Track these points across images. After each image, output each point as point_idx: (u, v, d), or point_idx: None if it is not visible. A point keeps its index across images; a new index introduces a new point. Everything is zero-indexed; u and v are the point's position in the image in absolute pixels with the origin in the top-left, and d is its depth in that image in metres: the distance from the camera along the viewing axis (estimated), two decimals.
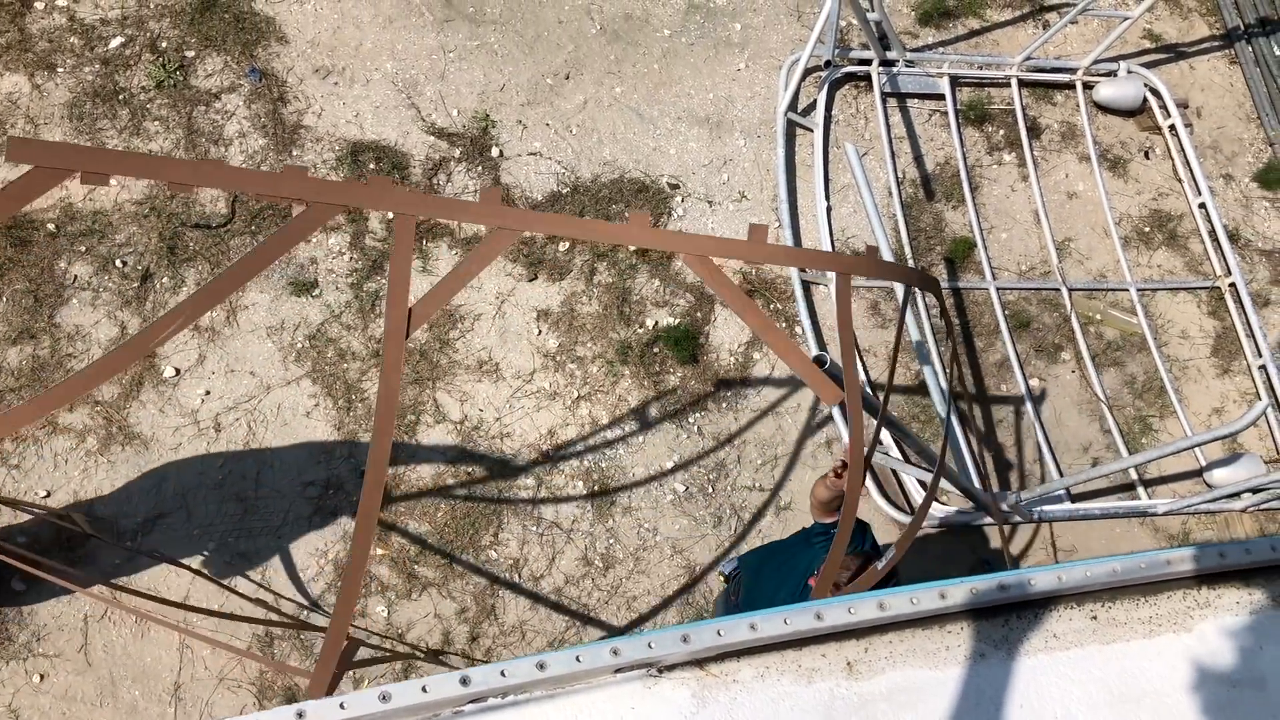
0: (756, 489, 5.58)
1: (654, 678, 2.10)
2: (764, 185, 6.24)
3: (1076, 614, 2.30)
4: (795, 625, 2.12)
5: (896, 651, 2.21)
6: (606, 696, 2.07)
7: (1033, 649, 2.25)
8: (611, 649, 2.04)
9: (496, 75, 6.18)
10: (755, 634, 2.10)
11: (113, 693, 4.73)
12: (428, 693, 1.95)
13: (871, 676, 2.16)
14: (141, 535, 4.95)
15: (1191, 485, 5.99)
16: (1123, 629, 2.28)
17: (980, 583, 2.22)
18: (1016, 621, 2.28)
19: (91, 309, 5.24)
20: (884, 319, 6.04)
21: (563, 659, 2.03)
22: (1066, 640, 2.26)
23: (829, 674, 2.16)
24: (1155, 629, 2.28)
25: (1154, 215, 6.66)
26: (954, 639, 2.24)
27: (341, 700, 1.91)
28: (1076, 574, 2.26)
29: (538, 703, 2.07)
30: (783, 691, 2.12)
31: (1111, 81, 6.82)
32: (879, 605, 2.16)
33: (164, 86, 5.68)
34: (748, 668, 2.14)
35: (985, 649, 2.23)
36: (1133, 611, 2.30)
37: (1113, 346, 6.26)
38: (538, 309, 5.71)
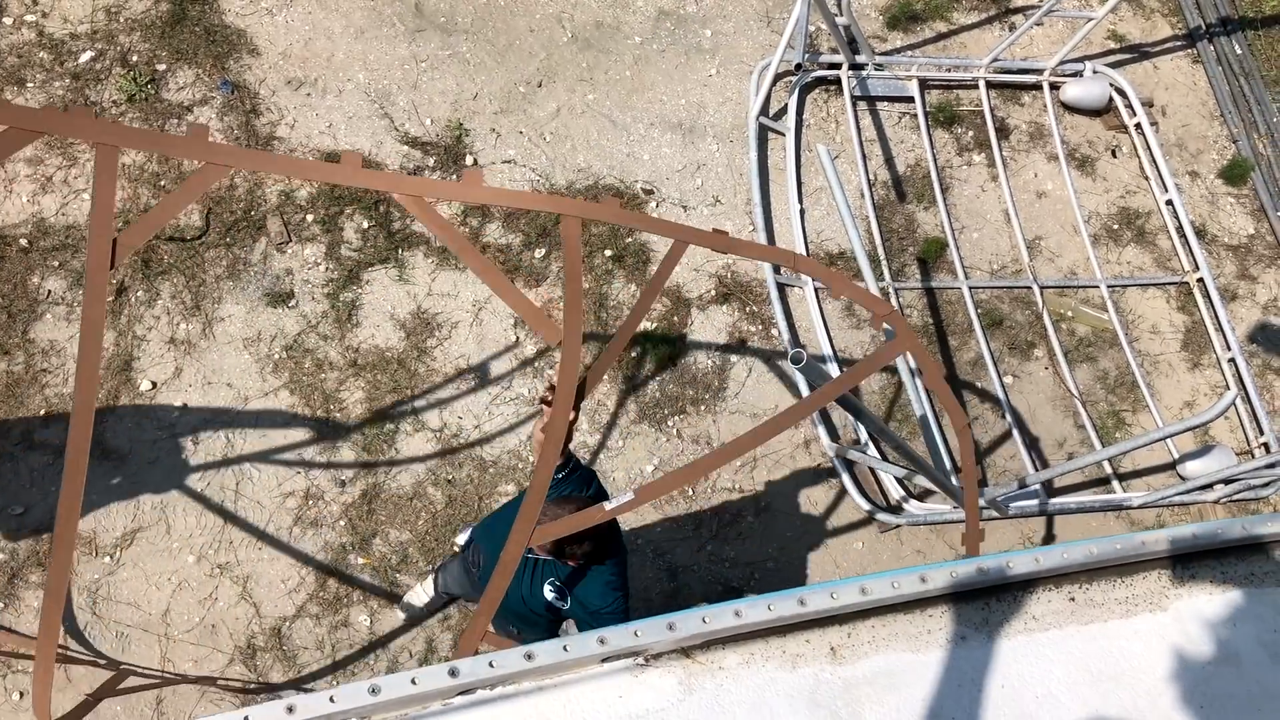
0: (736, 490, 5.61)
1: (641, 666, 2.12)
2: (737, 189, 6.29)
3: (1055, 596, 2.34)
4: (779, 611, 2.15)
5: (879, 636, 2.24)
6: (594, 686, 2.09)
7: (1012, 631, 2.28)
8: (598, 638, 2.06)
9: (469, 84, 6.20)
10: (740, 621, 2.13)
11: (94, 710, 4.69)
12: (417, 685, 1.96)
13: (855, 661, 2.19)
14: (121, 549, 4.93)
15: (1165, 478, 6.07)
16: (1100, 609, 2.32)
17: (960, 566, 2.26)
18: (996, 604, 2.32)
19: (66, 324, 5.21)
20: (858, 320, 6.09)
21: (550, 649, 2.05)
22: (1045, 621, 2.30)
23: (813, 659, 2.18)
24: (1132, 609, 2.32)
25: (1122, 213, 6.75)
26: (935, 622, 2.27)
27: (331, 694, 1.92)
28: (1054, 556, 2.30)
29: (527, 695, 2.08)
30: (768, 677, 2.15)
31: (1078, 81, 6.91)
32: (861, 590, 2.19)
33: (135, 100, 5.67)
34: (733, 655, 2.17)
35: (966, 631, 2.27)
36: (1109, 592, 2.34)
37: (1085, 343, 6.33)
38: (515, 316, 5.73)
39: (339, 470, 5.24)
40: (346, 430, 5.31)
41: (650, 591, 5.34)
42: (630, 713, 2.07)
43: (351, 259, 5.60)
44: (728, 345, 5.88)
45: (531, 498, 2.81)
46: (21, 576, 4.81)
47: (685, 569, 5.41)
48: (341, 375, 5.40)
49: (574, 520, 3.16)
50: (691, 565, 5.42)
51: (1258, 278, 6.76)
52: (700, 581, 5.40)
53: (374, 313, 5.54)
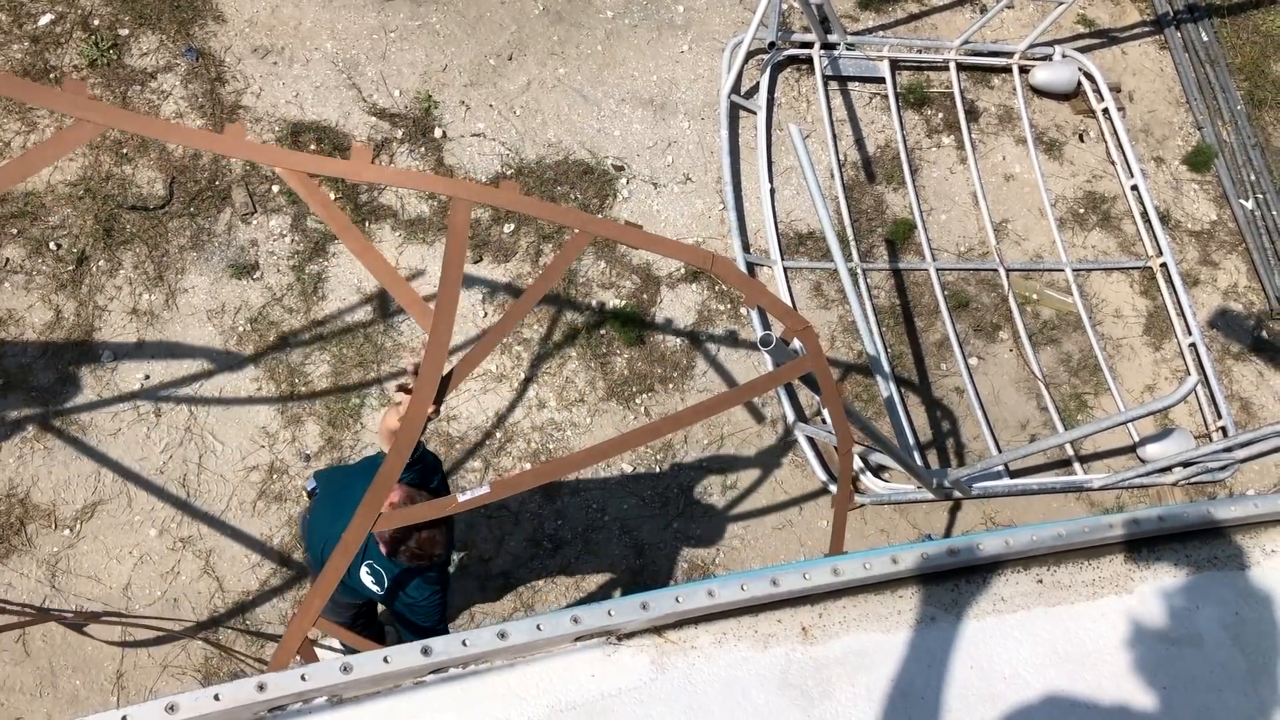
0: (703, 468, 5.62)
1: (613, 645, 2.12)
2: (708, 167, 6.27)
3: (1023, 578, 2.36)
4: (752, 591, 2.16)
5: (850, 616, 2.25)
6: (567, 664, 2.09)
7: (981, 612, 2.31)
8: (572, 617, 2.06)
9: (439, 55, 6.13)
10: (713, 600, 2.14)
11: (53, 683, 4.65)
12: (389, 663, 1.96)
13: (826, 641, 2.21)
14: (81, 522, 4.86)
15: (1125, 461, 6.16)
16: (1067, 591, 2.34)
17: (931, 548, 2.28)
18: (965, 586, 2.34)
19: (25, 292, 5.11)
20: (826, 300, 6.11)
21: (524, 628, 2.05)
22: (1014, 603, 2.32)
23: (785, 639, 2.19)
24: (1098, 591, 2.35)
25: (1088, 197, 6.80)
26: (905, 603, 2.29)
27: (302, 672, 1.91)
28: (1023, 538, 2.33)
29: (498, 671, 2.08)
30: (740, 657, 2.16)
31: (1047, 65, 6.95)
32: (833, 571, 2.21)
33: (97, 65, 5.55)
34: (705, 634, 2.17)
35: (935, 612, 2.29)
36: (1076, 575, 2.37)
37: (1049, 325, 6.39)
38: (483, 291, 5.69)
39: (303, 444, 5.19)
40: (311, 404, 5.26)
41: (617, 568, 5.35)
42: (603, 691, 2.07)
43: (317, 231, 5.53)
44: (696, 324, 5.88)
45: (377, 486, 2.79)
46: None
47: (652, 546, 5.42)
48: (307, 349, 5.35)
49: (421, 510, 3.15)
50: (658, 543, 5.43)
51: (1219, 263, 6.86)
52: (667, 559, 5.42)
53: (340, 286, 5.49)
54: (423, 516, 3.11)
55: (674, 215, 6.11)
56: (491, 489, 3.02)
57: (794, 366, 3.36)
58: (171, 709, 1.82)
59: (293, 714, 1.96)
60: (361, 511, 2.82)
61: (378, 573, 3.79)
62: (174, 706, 1.82)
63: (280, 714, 1.94)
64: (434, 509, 3.10)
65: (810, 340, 3.22)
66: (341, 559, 2.83)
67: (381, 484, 2.80)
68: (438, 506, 3.10)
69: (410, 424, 2.84)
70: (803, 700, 2.12)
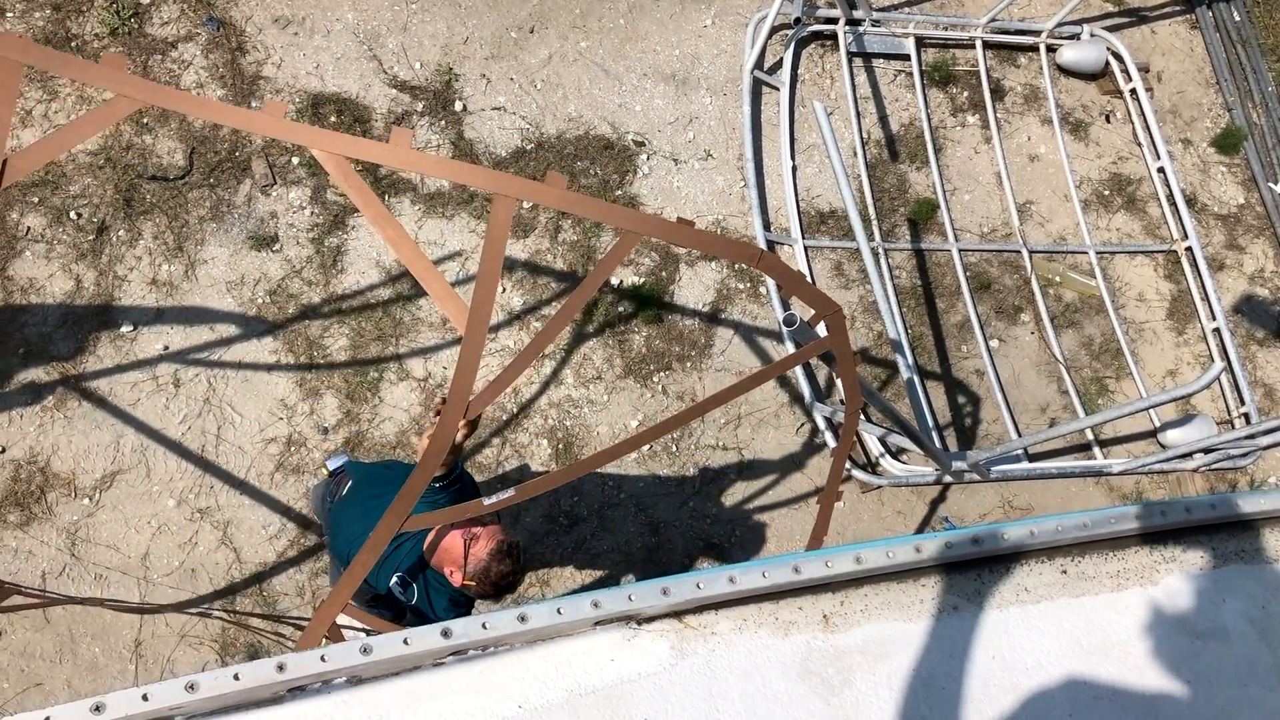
0: (720, 447, 5.61)
1: (633, 630, 2.11)
2: (730, 144, 6.22)
3: (1047, 568, 2.34)
4: (773, 578, 2.14)
5: (871, 604, 2.23)
6: (586, 647, 2.08)
7: (1004, 602, 2.29)
8: (592, 601, 2.05)
9: (460, 28, 6.08)
10: (735, 587, 2.12)
11: (72, 650, 4.68)
12: (409, 645, 1.95)
13: (847, 629, 2.19)
14: (101, 491, 4.88)
15: (1145, 446, 6.11)
16: (1091, 583, 2.32)
17: (955, 537, 2.25)
18: (988, 575, 2.32)
19: (45, 261, 5.12)
20: (847, 279, 6.06)
21: (543, 611, 2.04)
22: (1037, 594, 2.30)
23: (806, 627, 2.18)
24: (1123, 583, 2.33)
25: (1114, 179, 6.73)
26: (927, 592, 2.27)
27: (322, 653, 1.90)
28: (1048, 528, 2.30)
29: (517, 653, 2.07)
30: (760, 644, 2.14)
31: (1075, 45, 6.86)
32: (855, 559, 2.19)
33: (118, 34, 5.53)
34: (726, 620, 2.16)
35: (958, 601, 2.27)
36: (1101, 566, 2.34)
37: (1071, 308, 6.34)
38: (503, 268, 5.66)
39: (321, 417, 5.20)
40: (330, 377, 5.26)
41: (632, 546, 5.35)
42: (622, 676, 2.06)
43: (337, 204, 5.51)
44: (715, 302, 5.85)
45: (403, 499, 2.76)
46: (0, 516, 4.76)
47: (667, 524, 5.42)
48: (325, 321, 5.34)
49: (451, 512, 3.14)
50: (674, 521, 5.43)
51: (1245, 248, 6.77)
52: (682, 537, 5.41)
53: (359, 259, 5.47)
54: (449, 519, 3.11)
55: (694, 192, 6.07)
56: (516, 491, 3.01)
57: (816, 345, 3.35)
58: (191, 688, 1.82)
59: (312, 693, 1.95)
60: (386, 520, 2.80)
61: (407, 583, 3.80)
62: (194, 685, 1.82)
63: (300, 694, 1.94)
64: (460, 510, 3.09)
65: (839, 322, 3.18)
66: (369, 555, 2.83)
67: (406, 499, 2.78)
68: (464, 508, 3.09)
69: (439, 441, 2.78)
70: (823, 688, 2.10)
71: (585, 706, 2.01)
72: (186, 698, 1.82)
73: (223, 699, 1.86)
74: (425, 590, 3.77)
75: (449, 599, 3.74)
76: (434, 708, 1.97)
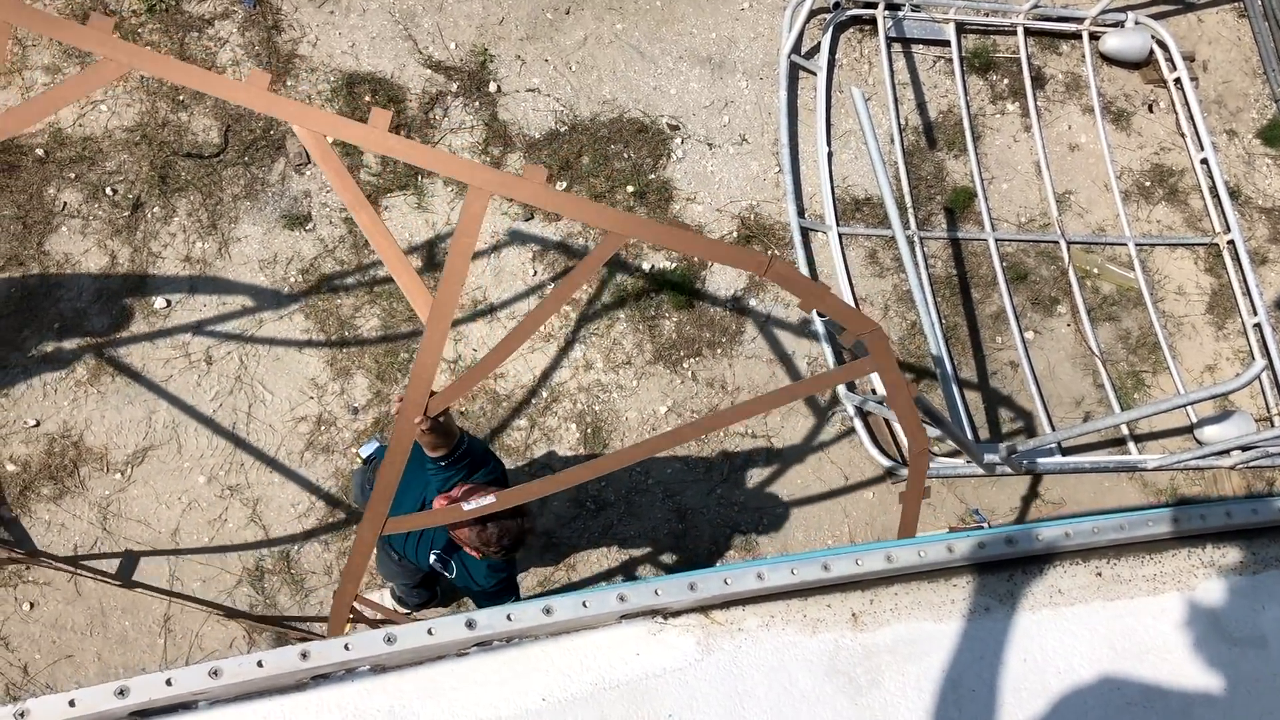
0: (748, 435, 5.57)
1: (659, 624, 2.09)
2: (765, 129, 6.16)
3: (1081, 570, 2.30)
4: (803, 575, 2.11)
5: (901, 604, 2.20)
6: (612, 640, 2.06)
7: (1037, 604, 2.25)
8: (618, 595, 2.03)
9: (495, 8, 6.04)
10: (763, 584, 2.09)
11: (103, 622, 4.73)
12: (433, 635, 1.94)
13: (876, 628, 2.16)
14: (133, 466, 4.92)
15: (1181, 441, 6.02)
16: (1127, 586, 2.28)
17: (987, 537, 2.22)
18: (1021, 576, 2.28)
19: (81, 237, 5.15)
20: (881, 268, 6.00)
21: (569, 604, 2.02)
22: (1071, 596, 2.26)
23: (834, 625, 2.15)
24: (1159, 587, 2.28)
25: (1155, 170, 6.61)
26: (959, 592, 2.24)
27: (346, 641, 1.89)
28: (1084, 530, 2.26)
29: (542, 644, 2.06)
30: (787, 641, 2.12)
31: (1118, 32, 6.73)
32: (887, 557, 2.15)
33: (155, 10, 5.53)
34: (753, 616, 2.13)
35: (990, 603, 2.23)
36: (1137, 569, 2.30)
37: (1109, 301, 6.24)
38: (533, 249, 5.65)
39: (352, 397, 5.21)
40: (360, 357, 5.27)
41: (659, 532, 5.33)
42: (647, 670, 2.04)
43: (371, 184, 5.51)
44: (747, 290, 5.80)
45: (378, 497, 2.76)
46: (33, 489, 4.81)
47: (695, 511, 5.40)
48: (357, 301, 5.34)
49: (429, 517, 3.15)
50: (701, 508, 5.40)
51: None
52: (709, 524, 5.39)
53: None
54: (428, 524, 3.13)
55: (728, 177, 6.01)
56: (497, 499, 3.02)
57: (857, 366, 3.10)
58: (215, 673, 1.82)
59: (335, 680, 1.95)
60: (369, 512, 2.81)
61: (444, 559, 3.87)
62: (217, 671, 1.82)
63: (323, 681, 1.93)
64: (440, 516, 3.12)
65: (879, 343, 2.96)
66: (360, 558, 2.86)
67: (380, 495, 2.78)
68: (443, 514, 3.11)
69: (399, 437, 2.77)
70: (850, 688, 2.08)
71: (609, 700, 2.00)
72: (210, 683, 1.82)
73: (246, 685, 1.86)
74: (463, 564, 3.82)
75: (486, 565, 3.78)
76: (456, 698, 1.97)
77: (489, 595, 3.88)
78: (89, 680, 4.62)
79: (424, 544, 3.89)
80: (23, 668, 4.59)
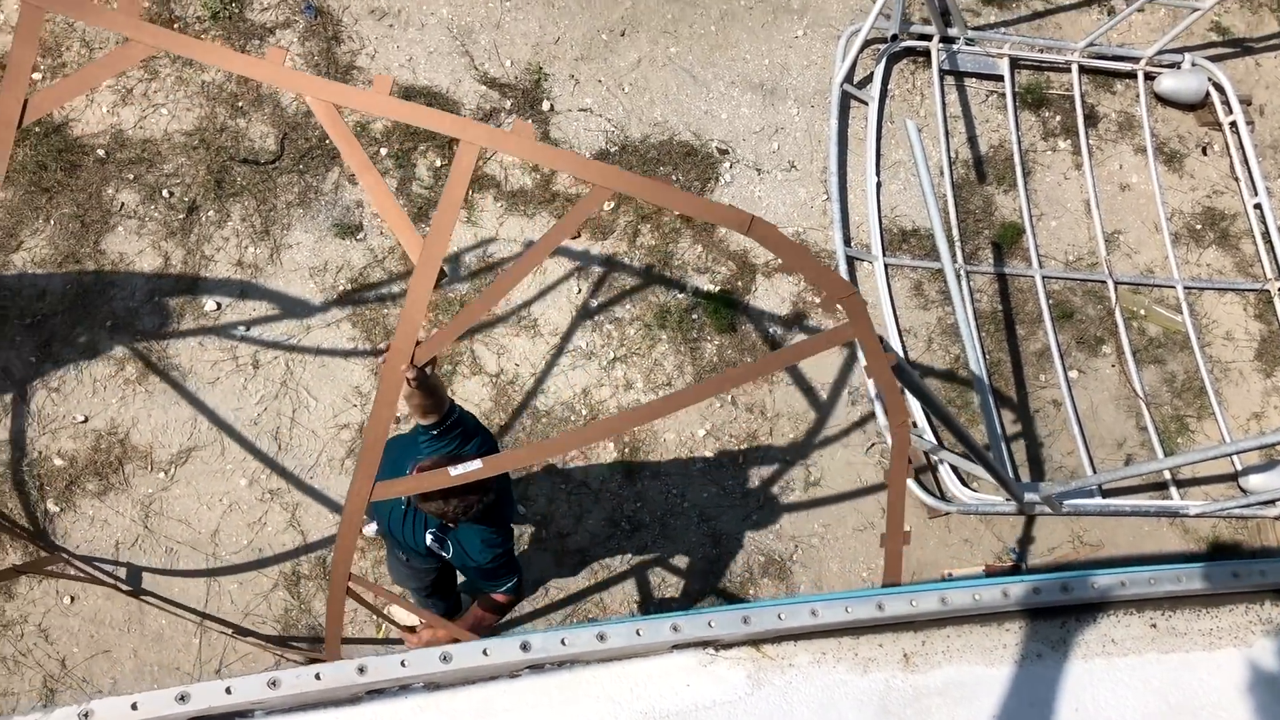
0: (787, 462, 5.56)
1: (711, 655, 2.09)
2: (814, 156, 6.16)
3: (1135, 621, 2.28)
4: (856, 614, 2.11)
5: (953, 646, 2.19)
6: (663, 670, 2.07)
7: (1090, 653, 2.23)
8: (672, 625, 2.03)
9: (552, 27, 6.10)
10: (816, 619, 2.09)
11: (140, 620, 4.78)
12: (488, 656, 1.95)
13: (928, 670, 2.15)
14: (176, 466, 4.97)
15: (1225, 489, 5.95)
16: (1183, 639, 2.26)
17: (1043, 582, 2.20)
18: (1074, 624, 2.26)
19: (137, 237, 5.22)
20: (926, 300, 5.98)
21: (623, 631, 2.03)
22: (1124, 646, 2.24)
23: (885, 664, 2.14)
24: (1215, 641, 2.26)
25: (1207, 213, 6.56)
26: (1011, 637, 2.22)
27: (403, 658, 1.91)
28: (1140, 580, 2.24)
29: (593, 669, 2.06)
30: (838, 679, 2.11)
31: (1174, 73, 6.69)
32: (941, 599, 2.14)
33: (219, 18, 5.62)
34: (804, 652, 2.13)
35: (1042, 649, 2.22)
36: (1193, 623, 2.28)
37: (1155, 343, 6.19)
38: (579, 267, 5.68)
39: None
40: None
41: (693, 556, 5.33)
42: (697, 701, 2.04)
43: (422, 196, 5.56)
44: (790, 316, 5.80)
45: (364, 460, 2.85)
46: (79, 484, 4.87)
47: (729, 537, 5.39)
48: None
49: (418, 481, 3.20)
50: (736, 534, 5.39)
51: None
52: (744, 551, 5.38)
53: None
54: (416, 489, 3.21)
55: (776, 203, 6.02)
56: (484, 464, 3.09)
57: (837, 332, 3.11)
58: (274, 684, 1.84)
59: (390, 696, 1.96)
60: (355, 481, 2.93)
61: (440, 539, 3.89)
62: (276, 682, 1.84)
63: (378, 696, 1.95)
64: (428, 481, 3.18)
65: (855, 307, 2.99)
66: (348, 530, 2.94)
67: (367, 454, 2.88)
68: (431, 479, 3.17)
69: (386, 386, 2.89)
70: None
71: None
72: (268, 693, 1.83)
73: (303, 697, 1.88)
74: (459, 542, 3.86)
75: (479, 539, 3.82)
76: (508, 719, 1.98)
77: (486, 573, 3.89)
78: (124, 676, 4.68)
79: (419, 525, 3.93)
80: (61, 661, 4.64)
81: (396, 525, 3.97)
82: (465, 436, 3.71)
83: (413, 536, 3.97)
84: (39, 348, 5.01)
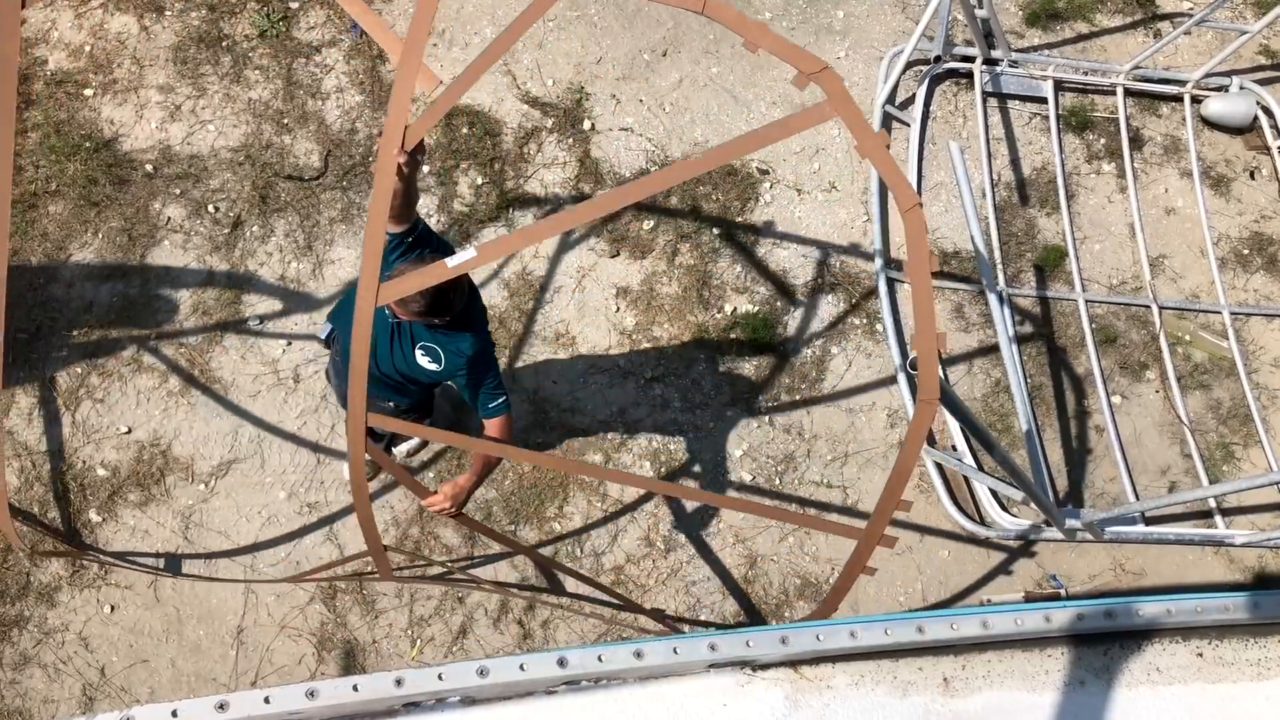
0: (824, 485, 5.53)
1: (748, 676, 2.08)
2: (855, 177, 6.15)
3: (1181, 649, 2.24)
4: (896, 636, 2.08)
5: (995, 671, 2.16)
6: (700, 689, 2.05)
7: (1134, 681, 2.19)
8: (709, 644, 2.02)
9: (594, 47, 6.13)
10: (855, 641, 2.07)
11: (178, 630, 4.81)
12: (525, 671, 1.95)
13: (968, 695, 2.12)
14: (216, 478, 5.02)
15: (1271, 518, 5.84)
16: (1229, 669, 2.21)
17: (1087, 608, 2.17)
18: (1118, 651, 2.23)
19: (182, 251, 5.30)
20: (967, 322, 5.93)
21: (660, 650, 2.01)
22: (1170, 675, 2.20)
23: (925, 688, 2.12)
24: (1264, 672, 2.21)
25: (1254, 238, 6.47)
26: (1054, 663, 2.19)
27: (440, 671, 1.91)
28: (1187, 608, 2.20)
29: (630, 687, 2.05)
30: (876, 702, 2.09)
31: (1221, 97, 6.61)
32: (982, 624, 2.12)
33: (266, 36, 5.71)
34: (843, 674, 2.11)
35: (1085, 676, 2.18)
36: (1241, 652, 2.23)
37: (1200, 369, 6.10)
38: (617, 285, 5.69)
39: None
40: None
41: (728, 577, 5.30)
42: None
43: (463, 214, 5.60)
44: (829, 337, 5.77)
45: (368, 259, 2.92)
46: (121, 494, 4.93)
47: (765, 558, 5.35)
48: None
49: (417, 277, 3.24)
50: (772, 555, 5.36)
51: None
52: (779, 572, 5.34)
53: (480, 270, 5.54)
54: (418, 285, 3.23)
55: (816, 223, 6.01)
56: (479, 253, 3.17)
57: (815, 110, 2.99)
58: (312, 694, 1.85)
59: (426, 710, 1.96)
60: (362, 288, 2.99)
61: (431, 350, 3.92)
62: (314, 693, 1.84)
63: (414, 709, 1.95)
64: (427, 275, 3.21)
65: (831, 82, 2.82)
66: (360, 344, 3.05)
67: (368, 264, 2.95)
68: (430, 273, 3.21)
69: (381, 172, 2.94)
70: None
71: None
72: (306, 704, 1.84)
73: (340, 708, 1.88)
74: (444, 351, 3.91)
75: (470, 337, 3.87)
76: None
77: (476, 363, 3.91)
78: (162, 686, 4.72)
79: (407, 346, 3.95)
80: (100, 669, 4.68)
81: (385, 361, 3.99)
82: (433, 242, 3.81)
83: (404, 361, 3.99)
84: (85, 359, 5.08)
